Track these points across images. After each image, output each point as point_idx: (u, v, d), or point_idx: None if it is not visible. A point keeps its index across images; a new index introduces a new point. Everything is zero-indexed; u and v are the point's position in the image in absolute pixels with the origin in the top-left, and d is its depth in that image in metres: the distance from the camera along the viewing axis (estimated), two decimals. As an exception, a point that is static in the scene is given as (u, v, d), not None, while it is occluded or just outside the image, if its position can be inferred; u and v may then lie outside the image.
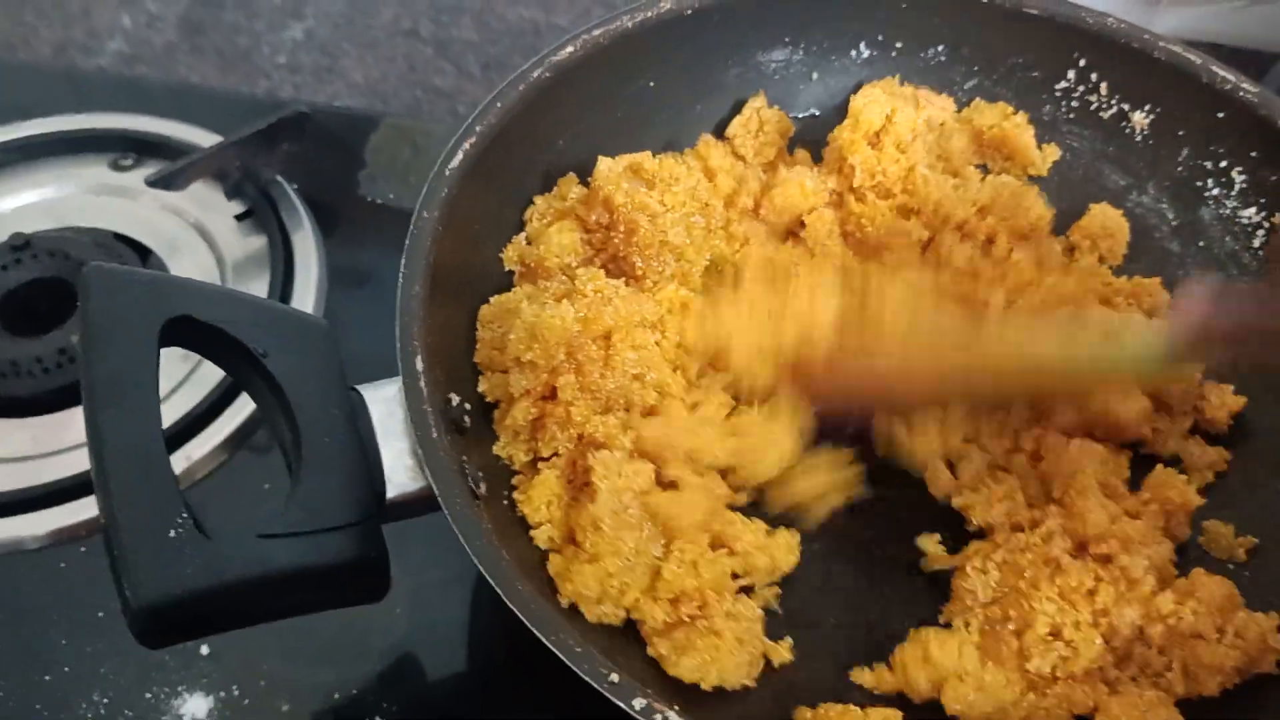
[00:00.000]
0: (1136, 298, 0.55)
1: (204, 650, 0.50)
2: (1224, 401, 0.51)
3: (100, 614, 0.51)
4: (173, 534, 0.34)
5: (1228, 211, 0.56)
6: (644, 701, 0.35)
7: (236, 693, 0.49)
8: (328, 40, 0.82)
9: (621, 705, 0.35)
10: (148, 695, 0.49)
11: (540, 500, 0.44)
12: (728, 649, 0.42)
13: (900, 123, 0.56)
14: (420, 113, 0.78)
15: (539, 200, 0.54)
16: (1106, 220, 0.57)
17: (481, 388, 0.47)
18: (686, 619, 0.42)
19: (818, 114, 0.61)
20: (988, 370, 0.46)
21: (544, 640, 0.36)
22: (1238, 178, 0.55)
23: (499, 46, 0.82)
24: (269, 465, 0.57)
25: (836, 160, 0.57)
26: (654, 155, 0.54)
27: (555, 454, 0.46)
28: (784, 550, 0.46)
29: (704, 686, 0.42)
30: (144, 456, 0.36)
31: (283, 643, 0.50)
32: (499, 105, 0.50)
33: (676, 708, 0.36)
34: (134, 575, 0.33)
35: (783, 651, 0.44)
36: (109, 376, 0.37)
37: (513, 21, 0.84)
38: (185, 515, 0.35)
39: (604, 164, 0.52)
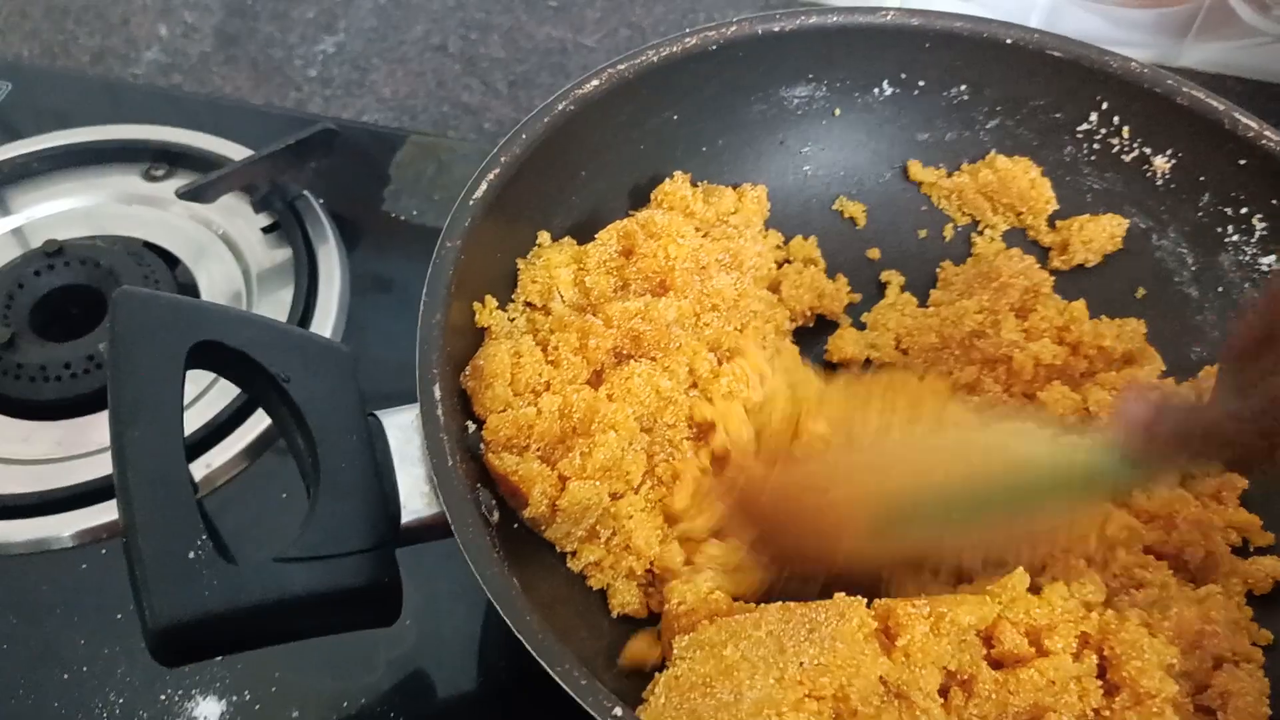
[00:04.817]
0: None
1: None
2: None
3: (119, 616, 0.53)
4: (192, 556, 0.35)
5: (1247, 258, 0.56)
6: (646, 735, 0.36)
7: (248, 698, 0.50)
8: (358, 54, 0.83)
9: None
10: (162, 697, 0.50)
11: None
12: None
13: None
14: (447, 128, 0.79)
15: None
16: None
17: None
18: None
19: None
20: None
21: (549, 671, 0.37)
22: (1258, 224, 0.55)
23: (526, 64, 0.83)
24: (286, 473, 0.58)
25: None
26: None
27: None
28: None
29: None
30: (166, 478, 0.37)
31: (295, 652, 0.50)
32: (524, 137, 0.51)
33: (678, 741, 0.36)
34: (153, 596, 0.34)
35: None
36: (134, 398, 0.37)
37: (540, 40, 0.84)
38: (205, 538, 0.36)
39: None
